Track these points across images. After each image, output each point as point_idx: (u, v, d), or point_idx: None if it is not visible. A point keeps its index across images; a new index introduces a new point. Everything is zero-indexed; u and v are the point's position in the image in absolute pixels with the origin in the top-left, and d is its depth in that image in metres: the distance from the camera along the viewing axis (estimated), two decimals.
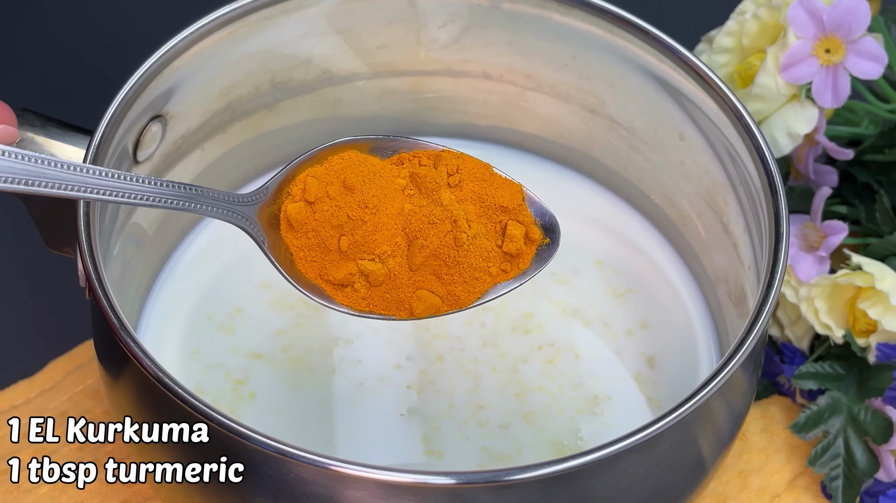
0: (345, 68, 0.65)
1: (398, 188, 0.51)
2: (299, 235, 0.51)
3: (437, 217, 0.50)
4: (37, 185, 0.46)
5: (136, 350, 0.49)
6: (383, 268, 0.50)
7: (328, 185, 0.50)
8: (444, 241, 0.50)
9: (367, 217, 0.50)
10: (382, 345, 0.61)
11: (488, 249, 0.51)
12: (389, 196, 0.50)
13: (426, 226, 0.50)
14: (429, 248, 0.50)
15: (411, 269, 0.51)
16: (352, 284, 0.51)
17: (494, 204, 0.51)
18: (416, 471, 0.48)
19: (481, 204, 0.51)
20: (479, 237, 0.51)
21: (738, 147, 0.58)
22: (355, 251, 0.50)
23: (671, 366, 0.62)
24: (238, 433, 0.48)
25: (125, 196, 0.48)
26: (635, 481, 0.51)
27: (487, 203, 0.51)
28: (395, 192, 0.51)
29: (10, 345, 0.67)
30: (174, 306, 0.62)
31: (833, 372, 0.64)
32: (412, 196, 0.51)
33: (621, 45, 0.61)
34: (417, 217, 0.50)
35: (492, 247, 0.51)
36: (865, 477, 0.62)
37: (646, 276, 0.65)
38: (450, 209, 0.50)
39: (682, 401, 0.50)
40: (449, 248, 0.50)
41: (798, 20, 0.61)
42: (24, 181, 0.45)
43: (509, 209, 0.51)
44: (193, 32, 0.58)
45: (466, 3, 0.63)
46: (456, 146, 0.68)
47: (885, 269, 0.62)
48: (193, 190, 0.50)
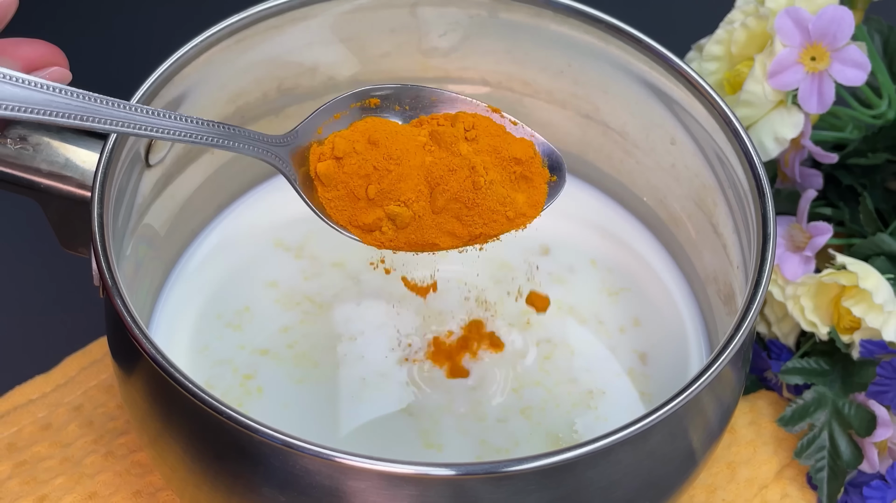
0: (348, 75, 0.65)
1: (419, 144, 0.52)
2: (329, 189, 0.52)
3: (456, 165, 0.52)
4: (84, 119, 0.47)
5: (147, 346, 0.49)
6: (408, 212, 0.51)
7: (355, 143, 0.52)
8: (463, 185, 0.51)
9: (392, 167, 0.51)
10: (385, 343, 0.61)
11: (504, 195, 0.52)
12: (411, 151, 0.52)
13: (446, 173, 0.52)
14: (449, 191, 0.51)
15: (434, 213, 0.52)
16: (379, 228, 0.52)
17: (509, 155, 0.53)
18: (417, 463, 0.48)
19: (496, 155, 0.53)
20: (495, 183, 0.52)
21: (727, 151, 0.58)
22: (382, 198, 0.51)
23: (663, 362, 0.62)
24: (246, 426, 0.48)
25: (166, 132, 0.49)
26: (628, 472, 0.51)
27: (502, 155, 0.53)
28: (417, 147, 0.52)
29: (26, 342, 0.67)
30: (184, 304, 0.62)
31: (818, 367, 0.64)
32: (433, 151, 0.52)
33: (615, 53, 0.61)
34: (438, 167, 0.52)
35: (507, 192, 0.52)
36: (849, 468, 0.62)
37: (638, 276, 0.65)
38: (468, 158, 0.52)
39: (673, 395, 0.50)
40: (468, 192, 0.51)
41: (784, 29, 0.61)
42: (72, 115, 0.47)
43: (522, 160, 0.53)
44: (203, 41, 0.58)
45: (466, 13, 0.63)
46: None
47: (868, 269, 0.62)
48: (230, 129, 0.51)
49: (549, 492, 0.49)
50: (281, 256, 0.64)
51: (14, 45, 0.46)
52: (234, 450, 0.49)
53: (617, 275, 0.65)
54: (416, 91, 0.55)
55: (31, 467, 0.62)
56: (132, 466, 0.62)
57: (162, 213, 0.61)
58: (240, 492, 0.50)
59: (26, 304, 0.69)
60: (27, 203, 0.66)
